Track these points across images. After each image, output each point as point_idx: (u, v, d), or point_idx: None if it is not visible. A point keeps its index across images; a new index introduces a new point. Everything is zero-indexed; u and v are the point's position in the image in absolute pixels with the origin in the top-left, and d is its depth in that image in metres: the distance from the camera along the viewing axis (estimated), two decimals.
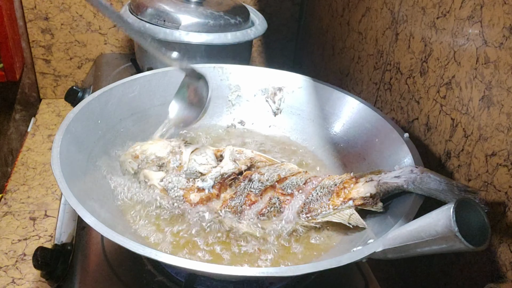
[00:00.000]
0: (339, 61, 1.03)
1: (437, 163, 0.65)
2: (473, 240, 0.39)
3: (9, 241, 0.83)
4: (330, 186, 0.59)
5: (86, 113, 0.62)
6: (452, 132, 0.63)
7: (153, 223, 0.58)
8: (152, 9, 0.92)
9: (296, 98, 0.78)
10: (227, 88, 0.79)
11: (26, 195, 0.94)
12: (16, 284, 0.75)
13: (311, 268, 0.44)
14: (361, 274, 0.60)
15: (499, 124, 0.54)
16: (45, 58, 1.22)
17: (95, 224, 0.45)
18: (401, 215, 0.51)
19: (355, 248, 0.47)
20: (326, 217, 0.57)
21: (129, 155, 0.65)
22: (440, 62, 0.65)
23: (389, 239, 0.45)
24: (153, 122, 0.73)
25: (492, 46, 0.55)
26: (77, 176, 0.54)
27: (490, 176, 0.55)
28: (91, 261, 0.58)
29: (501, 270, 0.53)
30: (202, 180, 0.61)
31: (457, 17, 0.61)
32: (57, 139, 0.55)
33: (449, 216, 0.39)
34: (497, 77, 0.54)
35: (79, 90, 1.00)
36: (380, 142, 0.66)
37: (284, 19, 1.32)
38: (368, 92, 0.89)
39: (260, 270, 0.43)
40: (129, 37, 1.24)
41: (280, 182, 0.61)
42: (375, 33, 0.86)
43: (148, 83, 0.73)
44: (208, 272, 0.43)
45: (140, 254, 0.42)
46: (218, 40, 0.90)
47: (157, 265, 0.57)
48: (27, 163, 1.04)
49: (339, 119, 0.74)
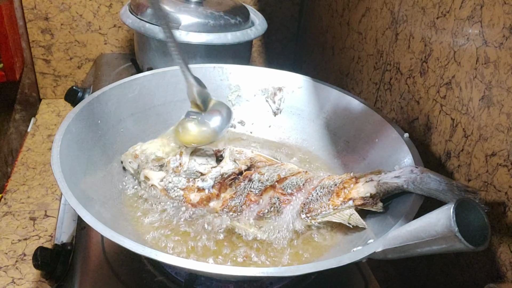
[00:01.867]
0: (339, 61, 1.03)
1: (437, 163, 0.65)
2: (473, 240, 0.39)
3: (9, 241, 0.83)
4: (330, 186, 0.59)
5: (86, 113, 0.62)
6: (452, 132, 0.63)
7: (153, 223, 0.58)
8: (152, 9, 0.92)
9: (296, 98, 0.78)
10: (227, 88, 0.79)
11: (26, 195, 0.94)
12: (16, 284, 0.75)
13: (311, 268, 0.44)
14: (361, 274, 0.60)
15: (499, 124, 0.54)
16: (45, 58, 1.22)
17: (95, 224, 0.45)
18: (401, 215, 0.51)
19: (355, 248, 0.47)
20: (326, 217, 0.57)
21: (129, 155, 0.65)
22: (440, 62, 0.65)
23: (389, 239, 0.44)
24: (153, 122, 0.73)
25: (492, 46, 0.55)
26: (77, 176, 0.54)
27: (490, 176, 0.55)
28: (91, 261, 0.58)
29: (501, 270, 0.53)
30: (202, 180, 0.61)
31: (457, 17, 0.61)
32: (57, 139, 0.55)
33: (449, 216, 0.39)
34: (497, 77, 0.54)
35: (79, 90, 1.00)
36: (380, 142, 0.66)
37: (284, 19, 1.32)
38: (368, 92, 0.89)
39: (260, 270, 0.43)
40: (129, 37, 1.24)
41: (280, 182, 0.61)
42: (375, 33, 0.86)
43: (148, 83, 0.73)
44: (208, 272, 0.43)
45: (140, 254, 0.42)
46: (218, 40, 0.90)
47: (157, 265, 0.57)
48: (27, 163, 1.04)
49: (339, 119, 0.74)
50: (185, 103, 0.76)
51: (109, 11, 1.19)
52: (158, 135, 0.72)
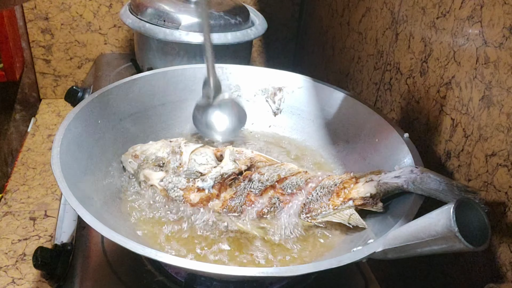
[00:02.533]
0: (339, 61, 1.03)
1: (437, 163, 0.65)
2: (473, 240, 0.39)
3: (9, 241, 0.83)
4: (330, 186, 0.59)
5: (86, 113, 0.62)
6: (452, 132, 0.63)
7: (153, 223, 0.58)
8: (152, 9, 0.92)
9: (296, 98, 0.78)
10: (227, 88, 0.79)
11: (26, 195, 0.94)
12: (16, 284, 0.75)
13: (311, 268, 0.44)
14: (361, 274, 0.60)
15: (499, 124, 0.54)
16: (45, 58, 1.22)
17: (95, 224, 0.45)
18: (401, 215, 0.51)
19: (355, 248, 0.47)
20: (326, 217, 0.57)
21: (129, 155, 0.65)
22: (440, 62, 0.65)
23: (389, 239, 0.44)
24: (153, 122, 0.73)
25: (492, 46, 0.55)
26: (77, 176, 0.54)
27: (490, 176, 0.55)
28: (91, 261, 0.58)
29: (501, 270, 0.53)
30: (202, 180, 0.61)
31: (457, 17, 0.61)
32: (57, 139, 0.55)
33: (449, 216, 0.39)
34: (497, 77, 0.54)
35: (79, 90, 1.00)
36: (380, 142, 0.66)
37: (284, 19, 1.32)
38: (368, 92, 0.89)
39: (260, 270, 0.43)
40: (129, 37, 1.24)
41: (280, 182, 0.61)
42: (375, 33, 0.86)
43: (148, 83, 0.73)
44: (208, 272, 0.43)
45: (140, 254, 0.42)
46: (218, 40, 0.90)
47: (157, 265, 0.57)
48: (27, 163, 1.04)
49: (339, 119, 0.74)
50: (185, 103, 0.76)
51: (109, 11, 1.19)
52: (158, 135, 0.72)
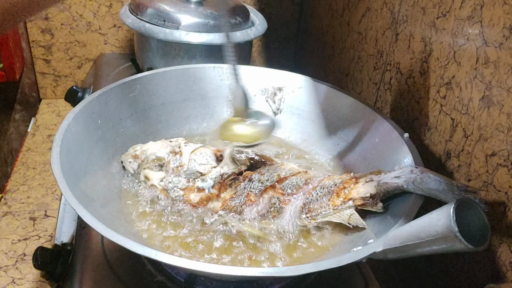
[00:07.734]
0: (339, 61, 1.03)
1: (437, 163, 0.65)
2: (473, 240, 0.39)
3: (9, 241, 0.83)
4: (330, 186, 0.59)
5: (86, 113, 0.62)
6: (452, 132, 0.63)
7: (153, 223, 0.58)
8: (152, 9, 0.92)
9: (296, 98, 0.78)
10: (227, 88, 0.79)
11: (26, 195, 0.94)
12: (16, 284, 0.75)
13: (311, 268, 0.44)
14: (361, 274, 0.60)
15: (499, 124, 0.54)
16: (45, 58, 1.22)
17: (95, 224, 0.45)
18: (401, 215, 0.51)
19: (355, 248, 0.47)
20: (326, 217, 0.57)
21: (129, 155, 0.65)
22: (440, 62, 0.65)
23: (389, 239, 0.44)
24: (153, 122, 0.73)
25: (492, 46, 0.55)
26: (77, 176, 0.54)
27: (490, 176, 0.55)
28: (91, 261, 0.57)
29: (501, 270, 0.53)
30: (202, 180, 0.61)
31: (457, 17, 0.61)
32: (57, 139, 0.55)
33: (449, 216, 0.39)
34: (497, 77, 0.54)
35: (79, 90, 1.00)
36: (380, 142, 0.66)
37: (284, 19, 1.32)
38: (368, 92, 0.89)
39: (260, 270, 0.43)
40: (129, 37, 1.24)
41: (280, 182, 0.61)
42: (375, 33, 0.86)
43: (148, 83, 0.73)
44: (207, 272, 0.43)
45: (140, 254, 0.42)
46: (218, 40, 0.90)
47: (157, 265, 0.57)
48: (27, 163, 1.03)
49: (339, 119, 0.74)
50: (185, 103, 0.76)
51: (109, 11, 1.19)
52: (158, 135, 0.73)
